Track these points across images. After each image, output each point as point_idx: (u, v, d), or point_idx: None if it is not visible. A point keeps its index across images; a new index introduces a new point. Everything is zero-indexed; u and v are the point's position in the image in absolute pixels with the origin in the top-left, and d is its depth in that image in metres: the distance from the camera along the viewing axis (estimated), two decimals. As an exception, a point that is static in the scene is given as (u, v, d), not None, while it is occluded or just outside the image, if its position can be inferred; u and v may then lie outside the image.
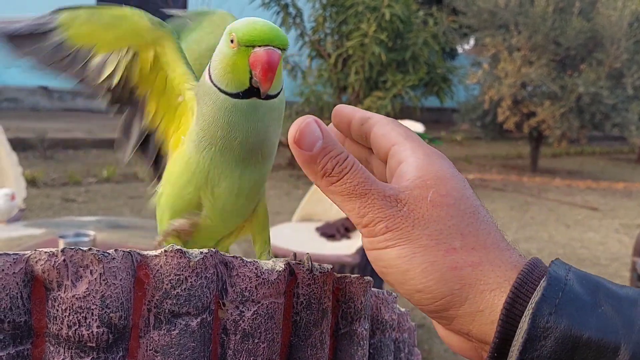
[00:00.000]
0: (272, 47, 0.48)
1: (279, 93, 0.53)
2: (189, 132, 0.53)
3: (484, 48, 8.62)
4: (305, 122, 0.40)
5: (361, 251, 2.71)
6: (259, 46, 0.48)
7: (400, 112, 7.53)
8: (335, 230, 3.17)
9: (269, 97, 0.51)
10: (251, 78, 0.49)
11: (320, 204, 3.59)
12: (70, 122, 9.30)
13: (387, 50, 7.37)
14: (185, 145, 0.54)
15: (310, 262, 0.50)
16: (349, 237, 3.14)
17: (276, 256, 0.51)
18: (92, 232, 2.32)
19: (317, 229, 3.22)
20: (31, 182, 5.79)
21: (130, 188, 6.10)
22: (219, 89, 0.50)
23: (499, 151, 11.06)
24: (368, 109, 7.28)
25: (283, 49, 0.49)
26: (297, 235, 3.20)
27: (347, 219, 3.45)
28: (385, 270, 0.39)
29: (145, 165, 0.59)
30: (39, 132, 7.34)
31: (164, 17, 0.50)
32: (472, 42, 11.09)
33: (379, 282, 3.00)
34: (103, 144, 8.13)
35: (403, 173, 0.40)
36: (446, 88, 8.02)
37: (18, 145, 7.04)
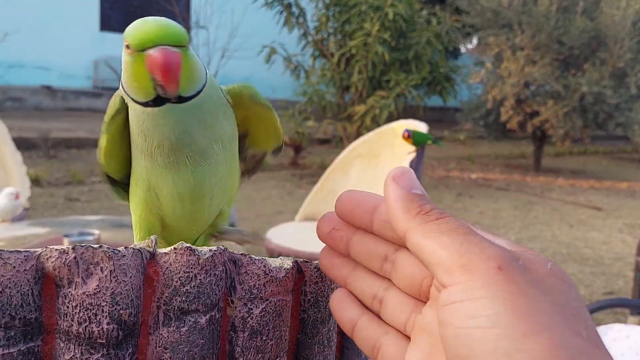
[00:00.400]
0: (166, 47, 0.44)
1: (200, 91, 0.48)
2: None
3: (487, 47, 8.61)
4: (408, 169, 0.39)
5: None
6: (151, 47, 0.44)
7: (403, 112, 7.53)
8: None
9: (184, 99, 0.47)
10: (155, 85, 0.45)
11: (323, 203, 3.59)
12: (73, 121, 9.32)
13: (390, 49, 7.37)
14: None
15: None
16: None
17: (279, 256, 0.50)
18: (96, 231, 2.33)
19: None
20: (35, 182, 5.80)
21: (133, 187, 6.12)
22: (131, 98, 0.47)
23: (502, 150, 11.04)
24: (371, 108, 7.30)
25: (181, 46, 0.45)
26: (299, 235, 3.20)
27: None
28: (477, 330, 0.30)
29: None
30: (42, 132, 7.36)
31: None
32: (475, 41, 11.07)
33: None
34: (106, 144, 8.15)
35: None
36: (449, 87, 8.02)
37: (22, 144, 7.05)
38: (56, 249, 0.37)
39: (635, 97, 7.88)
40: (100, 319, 0.38)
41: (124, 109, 0.50)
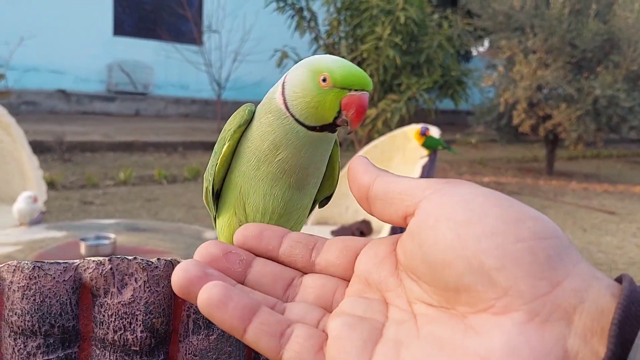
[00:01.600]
0: (365, 92, 0.51)
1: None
2: (245, 145, 0.55)
3: (499, 50, 8.58)
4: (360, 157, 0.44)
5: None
6: (355, 90, 0.50)
7: (415, 115, 7.53)
8: (350, 234, 3.18)
9: (333, 130, 0.53)
10: (337, 117, 0.51)
11: (336, 207, 3.60)
12: (87, 125, 9.42)
13: (401, 53, 7.38)
14: (237, 161, 0.55)
15: None
16: (364, 241, 3.15)
17: None
18: (112, 235, 2.36)
19: (333, 233, 3.24)
20: (50, 185, 5.87)
21: (146, 190, 6.17)
22: (295, 118, 0.52)
23: (514, 154, 11.00)
24: (383, 111, 7.31)
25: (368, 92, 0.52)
26: (313, 239, 3.21)
27: (363, 222, 3.46)
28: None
29: None
30: (57, 135, 7.44)
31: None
32: (487, 44, 11.05)
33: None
34: (119, 147, 8.23)
35: None
36: (461, 91, 8.00)
37: (36, 148, 7.13)
38: (93, 261, 0.39)
39: (649, 100, 7.83)
40: (134, 327, 0.39)
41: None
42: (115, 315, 0.39)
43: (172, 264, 0.41)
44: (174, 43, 11.39)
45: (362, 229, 3.29)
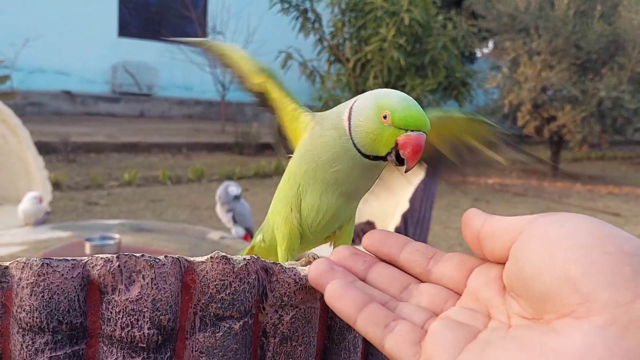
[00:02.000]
0: (423, 133, 0.54)
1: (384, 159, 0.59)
2: (297, 147, 0.61)
3: (504, 52, 8.57)
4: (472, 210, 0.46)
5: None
6: (412, 130, 0.54)
7: (419, 117, 7.52)
8: (355, 235, 3.18)
9: (384, 159, 0.57)
10: (390, 153, 0.55)
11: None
12: (92, 126, 9.44)
13: (406, 54, 7.38)
14: (290, 162, 0.62)
15: None
16: (368, 242, 3.14)
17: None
18: (117, 236, 2.37)
19: (337, 234, 3.23)
20: (55, 185, 5.89)
21: (151, 191, 6.18)
22: (353, 143, 0.56)
23: (519, 155, 10.96)
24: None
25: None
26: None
27: (367, 223, 3.45)
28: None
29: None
30: (62, 136, 7.46)
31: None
32: (491, 45, 11.03)
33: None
34: (124, 148, 8.25)
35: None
36: (465, 92, 7.99)
37: (41, 148, 7.15)
38: (102, 258, 0.40)
39: (654, 102, 7.80)
40: (141, 324, 0.40)
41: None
42: (123, 312, 0.40)
43: (179, 261, 0.42)
44: (179, 44, 11.39)
45: (367, 230, 3.29)
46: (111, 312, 0.40)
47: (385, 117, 0.54)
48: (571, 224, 0.36)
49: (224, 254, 0.42)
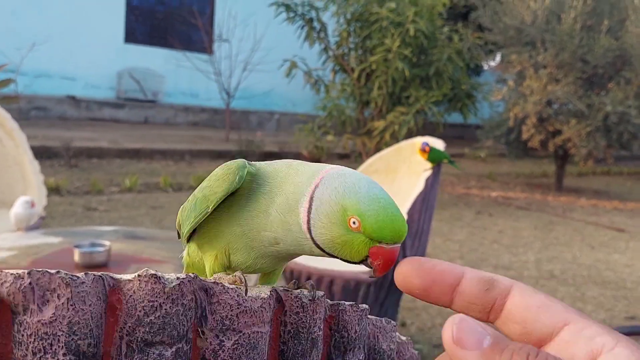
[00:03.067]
0: (397, 245, 0.46)
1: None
2: (226, 201, 0.50)
3: (510, 65, 8.53)
4: (460, 318, 0.34)
5: (377, 268, 2.67)
6: (386, 243, 0.45)
7: (423, 128, 7.49)
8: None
9: None
10: (363, 261, 0.46)
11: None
12: (96, 131, 9.45)
13: (410, 65, 7.35)
14: (223, 216, 0.51)
15: (314, 291, 0.48)
16: (366, 254, 3.09)
17: (292, 273, 0.51)
18: (107, 243, 2.33)
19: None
20: (55, 190, 5.87)
21: (151, 198, 6.15)
22: (316, 244, 0.47)
23: (523, 169, 10.91)
24: (391, 124, 7.28)
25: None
26: (313, 250, 3.17)
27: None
28: None
29: None
30: (64, 141, 7.46)
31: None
32: (497, 58, 11.00)
33: (396, 297, 2.95)
34: (127, 154, 8.24)
35: None
36: (470, 104, 7.95)
37: (44, 153, 7.17)
38: (11, 273, 0.35)
39: (660, 117, 7.73)
40: (55, 349, 0.35)
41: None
42: (35, 336, 0.35)
43: (102, 279, 0.37)
44: (185, 51, 11.43)
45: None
46: (22, 335, 0.35)
47: (354, 223, 0.45)
48: None
49: (153, 271, 0.38)
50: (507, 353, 0.32)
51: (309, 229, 0.46)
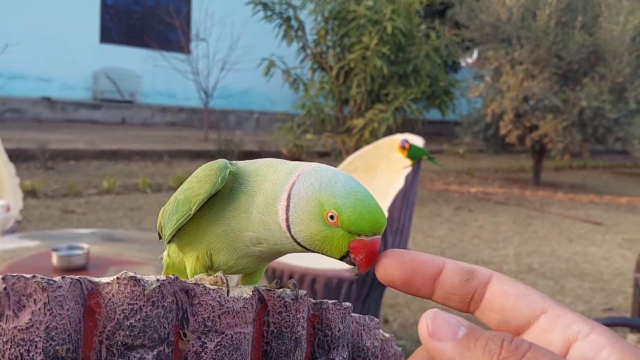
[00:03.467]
0: (377, 236, 0.45)
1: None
2: (209, 200, 0.49)
3: (487, 61, 8.62)
4: (434, 312, 0.34)
5: (359, 266, 2.68)
6: (365, 235, 0.44)
7: (402, 125, 7.53)
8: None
9: None
10: (344, 257, 0.46)
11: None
12: (72, 133, 9.31)
13: (389, 63, 7.38)
14: (205, 217, 0.50)
15: (296, 290, 0.48)
16: (347, 251, 3.10)
17: (274, 272, 0.49)
18: (85, 245, 2.30)
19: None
20: (31, 193, 5.78)
21: (129, 199, 6.09)
22: (296, 241, 0.46)
23: (501, 164, 11.03)
24: (370, 122, 7.29)
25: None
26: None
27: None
28: None
29: None
30: (40, 143, 7.34)
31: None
32: (474, 55, 11.10)
33: (378, 294, 2.96)
34: (104, 155, 8.14)
35: (592, 354, 0.33)
36: (448, 101, 8.01)
37: (19, 155, 7.05)
38: (-15, 280, 0.34)
39: (634, 111, 7.87)
40: (33, 355, 0.34)
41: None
42: (11, 342, 0.34)
43: (80, 283, 0.36)
44: (162, 51, 11.33)
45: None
46: (-2, 342, 0.34)
47: (332, 218, 0.44)
48: None
49: (132, 273, 0.37)
50: (482, 340, 0.32)
51: (288, 227, 0.46)
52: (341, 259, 0.46)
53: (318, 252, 0.47)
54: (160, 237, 0.59)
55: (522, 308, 0.36)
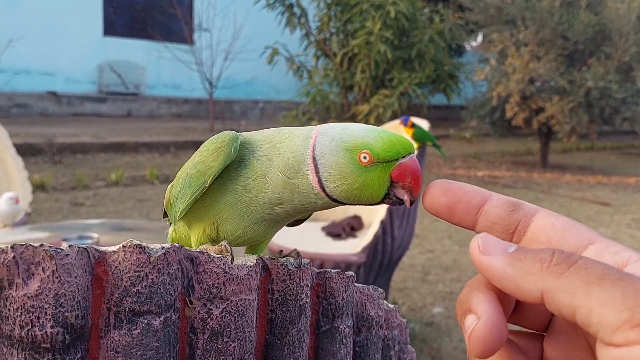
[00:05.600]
0: (412, 155, 0.46)
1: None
2: (226, 177, 0.50)
3: (491, 44, 8.56)
4: (484, 234, 0.34)
5: (367, 250, 2.69)
6: (402, 157, 0.45)
7: (408, 110, 7.50)
8: (341, 230, 3.15)
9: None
10: (386, 196, 0.46)
11: (326, 203, 3.55)
12: (78, 126, 9.35)
13: (392, 48, 7.34)
14: (214, 188, 0.50)
15: (300, 258, 0.48)
16: (354, 236, 3.11)
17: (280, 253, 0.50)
18: (95, 235, 2.32)
19: (323, 229, 3.20)
20: (40, 187, 5.82)
21: (138, 191, 6.12)
22: (332, 199, 0.47)
23: (508, 148, 10.98)
24: (375, 107, 7.27)
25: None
26: (303, 235, 3.18)
27: (354, 217, 3.41)
28: None
29: None
30: (47, 137, 7.38)
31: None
32: (479, 38, 11.02)
33: (386, 278, 2.97)
34: (111, 148, 8.17)
35: None
36: (453, 85, 7.97)
37: (27, 150, 7.09)
38: (-6, 249, 0.35)
39: (641, 91, 7.81)
40: (43, 322, 0.35)
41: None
42: (22, 309, 0.35)
43: (87, 252, 0.37)
44: (166, 42, 11.32)
45: (353, 224, 3.25)
46: (9, 310, 0.35)
47: (365, 158, 0.45)
48: None
49: (138, 242, 0.38)
50: (533, 252, 0.32)
51: (322, 188, 0.46)
52: (383, 200, 0.46)
53: (357, 204, 0.47)
54: (165, 216, 0.60)
55: (570, 239, 0.36)
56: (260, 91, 13.03)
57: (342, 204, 0.47)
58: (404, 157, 0.45)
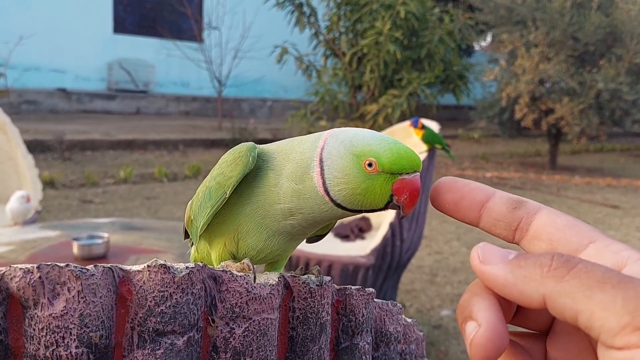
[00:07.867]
0: (417, 173, 0.46)
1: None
2: (243, 187, 0.50)
3: (501, 44, 8.52)
4: (483, 244, 0.35)
5: (376, 252, 2.68)
6: (406, 173, 0.46)
7: (416, 111, 7.48)
8: (349, 231, 3.14)
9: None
10: (389, 202, 0.46)
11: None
12: (88, 124, 9.39)
13: (402, 48, 7.32)
14: (232, 199, 0.50)
15: (321, 276, 0.48)
16: (363, 238, 3.11)
17: (290, 258, 0.50)
18: (105, 234, 2.32)
19: (332, 230, 3.19)
20: (49, 184, 5.85)
21: (146, 189, 6.14)
22: (336, 203, 0.47)
23: (517, 149, 10.93)
24: (384, 107, 7.26)
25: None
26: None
27: (362, 219, 3.41)
28: None
29: None
30: (57, 134, 7.41)
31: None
32: (488, 38, 10.98)
33: (394, 280, 2.97)
34: (120, 145, 8.20)
35: None
36: (462, 85, 7.94)
37: (37, 147, 7.13)
38: (20, 268, 0.35)
39: (652, 93, 7.75)
40: (68, 342, 0.35)
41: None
42: (47, 329, 0.35)
43: (112, 271, 0.37)
44: (175, 41, 11.34)
45: (361, 226, 3.25)
46: (34, 329, 0.35)
47: (370, 165, 0.45)
48: None
49: (163, 261, 0.38)
50: (533, 257, 0.32)
51: (326, 191, 0.46)
52: (385, 207, 0.47)
53: (360, 209, 0.47)
54: (186, 236, 0.60)
55: (571, 237, 0.36)
56: (268, 90, 13.04)
57: (346, 210, 0.47)
58: (408, 173, 0.46)
